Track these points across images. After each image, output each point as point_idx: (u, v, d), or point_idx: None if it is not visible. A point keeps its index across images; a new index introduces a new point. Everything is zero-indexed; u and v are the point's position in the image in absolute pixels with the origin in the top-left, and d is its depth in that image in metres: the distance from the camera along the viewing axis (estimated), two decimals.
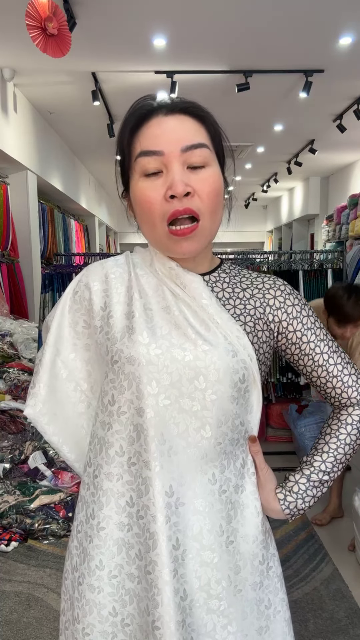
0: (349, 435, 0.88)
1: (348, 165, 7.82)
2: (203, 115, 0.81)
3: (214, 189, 0.79)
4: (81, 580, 0.82)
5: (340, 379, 0.88)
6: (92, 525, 0.81)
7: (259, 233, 13.18)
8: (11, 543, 2.50)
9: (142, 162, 0.78)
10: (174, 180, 0.76)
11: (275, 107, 5.24)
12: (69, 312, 0.90)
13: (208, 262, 0.89)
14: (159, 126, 0.78)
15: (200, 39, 3.68)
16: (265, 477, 0.87)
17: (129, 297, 0.84)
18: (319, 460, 0.87)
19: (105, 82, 4.51)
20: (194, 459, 0.78)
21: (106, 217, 10.37)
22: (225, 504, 0.81)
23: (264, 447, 0.92)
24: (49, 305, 3.41)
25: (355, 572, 2.33)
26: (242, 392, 0.80)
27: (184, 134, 0.77)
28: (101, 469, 0.81)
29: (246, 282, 0.89)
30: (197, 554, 0.78)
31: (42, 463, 3.03)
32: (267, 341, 0.87)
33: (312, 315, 0.89)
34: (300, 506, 0.87)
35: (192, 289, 0.82)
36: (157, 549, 0.75)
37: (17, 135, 4.66)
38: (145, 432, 0.77)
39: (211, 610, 0.78)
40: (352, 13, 3.33)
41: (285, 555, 2.45)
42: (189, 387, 0.77)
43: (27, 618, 2.02)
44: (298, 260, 3.80)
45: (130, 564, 0.79)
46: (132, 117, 0.80)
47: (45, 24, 2.62)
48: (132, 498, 0.79)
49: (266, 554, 0.86)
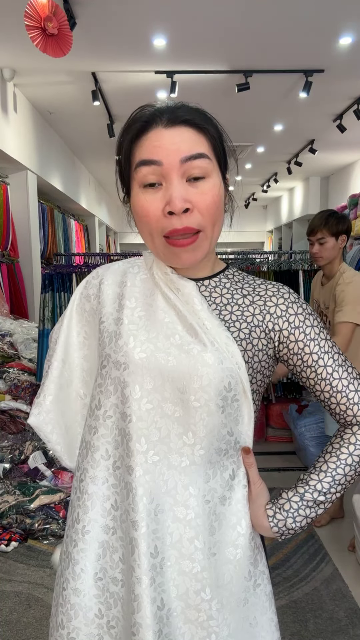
0: (350, 455, 0.82)
1: (348, 165, 7.82)
2: (204, 124, 0.80)
3: (214, 201, 0.78)
4: (65, 586, 0.81)
5: (346, 394, 0.83)
6: (77, 529, 0.81)
7: (259, 233, 13.18)
8: (11, 543, 2.50)
9: (142, 172, 0.77)
10: (172, 197, 0.75)
11: (275, 107, 5.23)
12: (76, 324, 0.92)
13: (210, 267, 0.88)
14: (159, 137, 0.77)
15: (200, 39, 3.68)
16: (257, 492, 0.84)
17: (119, 304, 0.84)
18: (316, 479, 0.83)
19: (105, 82, 4.50)
20: (176, 466, 0.77)
21: (106, 217, 10.37)
22: (209, 514, 0.78)
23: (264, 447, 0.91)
24: (49, 305, 3.41)
25: (355, 572, 2.33)
26: (230, 400, 0.77)
27: (183, 145, 0.76)
28: (87, 472, 0.81)
29: (248, 289, 0.87)
30: (176, 562, 0.76)
31: (42, 463, 3.03)
32: (263, 349, 0.84)
33: (317, 326, 0.85)
34: (290, 525, 0.82)
35: (185, 294, 0.82)
36: (134, 555, 0.75)
37: (17, 135, 4.65)
38: (128, 437, 0.77)
39: (189, 620, 0.76)
40: (352, 13, 3.33)
41: (285, 555, 2.45)
42: (172, 393, 0.77)
43: (27, 618, 2.02)
44: (298, 260, 3.80)
45: (114, 567, 0.79)
46: (133, 127, 0.80)
47: (44, 24, 2.62)
48: (117, 501, 0.79)
49: (253, 571, 0.83)
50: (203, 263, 0.86)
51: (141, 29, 3.51)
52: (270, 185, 9.35)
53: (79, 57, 3.90)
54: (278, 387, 3.79)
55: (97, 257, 4.12)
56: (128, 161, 0.81)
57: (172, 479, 0.77)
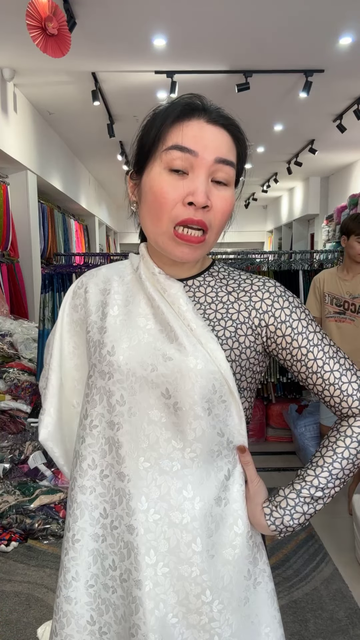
0: (347, 448, 0.81)
1: (348, 165, 7.82)
2: (239, 136, 0.81)
3: (228, 210, 0.80)
4: (58, 593, 0.82)
5: (339, 387, 0.82)
6: (67, 537, 0.82)
7: (259, 233, 13.18)
8: (11, 543, 2.50)
9: (173, 155, 0.76)
10: (198, 189, 0.75)
11: (275, 107, 5.24)
12: (66, 333, 0.93)
13: (197, 266, 0.88)
14: (201, 129, 0.77)
15: (200, 39, 3.68)
16: (255, 490, 0.83)
17: (103, 312, 0.85)
18: (312, 474, 0.81)
19: (105, 82, 4.50)
20: (167, 471, 0.77)
21: (106, 217, 10.37)
22: (205, 517, 0.77)
23: (263, 447, 0.91)
24: (49, 305, 3.41)
25: (355, 572, 2.33)
26: (215, 402, 0.77)
27: (220, 146, 0.77)
28: (75, 481, 0.82)
29: (233, 285, 0.86)
30: (175, 568, 0.76)
31: (42, 463, 3.03)
32: (251, 346, 0.83)
33: (304, 319, 0.83)
34: (287, 523, 0.81)
35: (171, 295, 0.81)
36: (130, 558, 0.76)
37: (17, 135, 4.66)
38: (118, 444, 0.78)
39: (191, 625, 0.77)
40: (352, 13, 3.33)
41: (285, 555, 2.45)
42: (157, 399, 0.77)
43: (27, 618, 2.02)
44: (298, 260, 3.80)
45: (105, 574, 0.80)
46: (177, 107, 0.78)
47: (45, 23, 2.62)
48: (106, 509, 0.80)
49: (253, 570, 0.83)
50: (191, 263, 0.86)
51: (141, 29, 3.51)
52: (270, 185, 9.35)
53: (79, 57, 3.90)
54: (278, 387, 3.79)
55: (97, 257, 4.12)
56: (159, 140, 0.78)
57: (165, 484, 0.77)
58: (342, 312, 2.71)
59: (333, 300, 2.74)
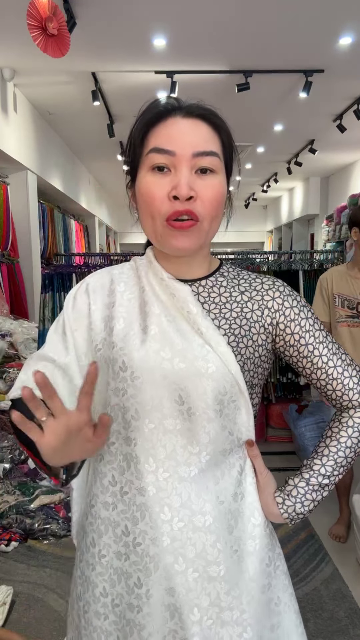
0: (349, 438, 0.86)
1: (348, 165, 7.82)
2: (219, 123, 0.81)
3: (217, 196, 0.79)
4: (87, 609, 0.83)
5: (341, 381, 0.87)
6: (93, 553, 0.83)
7: (259, 233, 13.18)
8: (11, 543, 2.50)
9: (152, 158, 0.78)
10: (180, 183, 0.76)
11: (275, 107, 5.24)
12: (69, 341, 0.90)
13: (206, 266, 0.88)
14: (175, 127, 0.78)
15: (200, 39, 3.68)
16: (265, 481, 0.87)
17: (109, 327, 0.83)
18: (319, 463, 0.86)
19: (105, 82, 4.51)
20: (186, 477, 0.78)
21: (106, 217, 10.37)
22: (225, 514, 0.80)
23: (264, 447, 0.92)
24: (49, 305, 3.41)
25: (355, 572, 2.33)
26: (226, 403, 0.79)
27: (197, 140, 0.78)
28: (97, 498, 0.83)
29: (244, 285, 0.88)
30: (204, 571, 0.78)
31: None
32: (263, 344, 0.85)
33: (311, 317, 0.88)
34: (299, 510, 0.86)
35: (179, 299, 0.82)
36: (159, 570, 0.77)
37: (17, 135, 4.65)
38: (136, 459, 0.79)
39: (225, 623, 0.79)
40: (352, 13, 3.33)
41: (285, 555, 2.44)
42: (170, 407, 0.78)
43: (27, 618, 2.02)
44: (298, 260, 3.80)
45: (130, 593, 0.80)
46: (150, 112, 0.80)
47: (45, 23, 2.62)
48: (127, 527, 0.80)
49: (272, 555, 0.86)
50: (199, 262, 0.87)
51: (141, 29, 3.51)
52: (270, 185, 9.35)
53: (79, 57, 3.90)
54: (278, 387, 3.79)
55: (97, 257, 4.12)
56: (140, 146, 0.81)
57: (185, 491, 0.78)
58: (355, 316, 2.41)
59: (344, 303, 2.44)
